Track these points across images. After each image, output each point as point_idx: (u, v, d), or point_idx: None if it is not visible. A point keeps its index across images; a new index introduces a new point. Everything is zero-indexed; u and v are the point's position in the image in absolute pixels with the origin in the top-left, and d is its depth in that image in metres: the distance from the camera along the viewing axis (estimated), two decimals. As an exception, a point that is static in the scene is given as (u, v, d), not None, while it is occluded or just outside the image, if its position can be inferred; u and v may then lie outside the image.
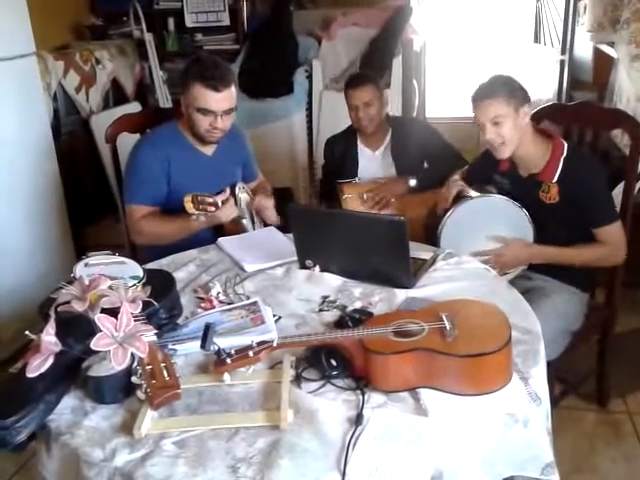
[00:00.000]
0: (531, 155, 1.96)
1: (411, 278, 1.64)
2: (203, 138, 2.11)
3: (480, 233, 1.98)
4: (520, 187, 2.00)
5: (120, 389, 1.23)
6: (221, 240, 2.00)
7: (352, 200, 2.47)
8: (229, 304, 1.58)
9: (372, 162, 2.67)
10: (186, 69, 2.06)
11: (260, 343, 1.29)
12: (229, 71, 2.07)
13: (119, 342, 1.17)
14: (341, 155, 2.70)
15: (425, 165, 2.65)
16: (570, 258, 1.95)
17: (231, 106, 2.05)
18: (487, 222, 1.98)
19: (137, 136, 2.34)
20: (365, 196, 2.47)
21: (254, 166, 2.46)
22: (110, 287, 1.26)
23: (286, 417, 1.13)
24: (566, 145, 1.93)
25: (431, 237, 2.04)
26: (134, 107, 3.92)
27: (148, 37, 3.97)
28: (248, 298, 1.61)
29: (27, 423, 1.15)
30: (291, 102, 3.97)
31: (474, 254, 1.91)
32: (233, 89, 2.04)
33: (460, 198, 2.05)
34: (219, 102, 2.01)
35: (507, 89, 1.88)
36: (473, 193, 2.06)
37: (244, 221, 2.13)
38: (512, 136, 1.89)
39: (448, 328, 1.24)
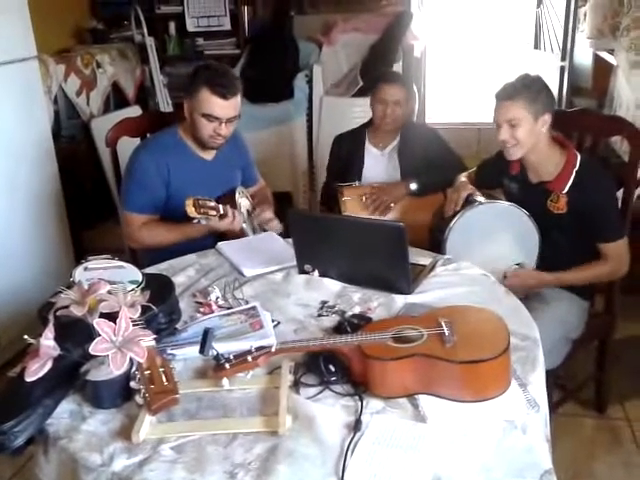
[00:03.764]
0: (544, 162, 1.96)
1: (410, 284, 1.63)
2: (205, 143, 2.12)
3: (487, 239, 1.98)
4: (528, 193, 2.00)
5: (118, 394, 1.23)
6: (220, 245, 2.00)
7: (352, 202, 2.47)
8: (228, 309, 1.58)
9: (378, 161, 2.66)
10: (194, 73, 2.07)
11: (259, 348, 1.29)
12: (237, 80, 2.09)
13: (118, 347, 1.17)
14: (348, 152, 2.69)
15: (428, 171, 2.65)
16: (576, 280, 1.96)
17: (236, 114, 2.07)
18: (494, 228, 1.98)
19: (137, 140, 2.34)
20: (364, 199, 2.47)
21: (254, 171, 2.46)
22: (109, 291, 1.26)
23: (284, 423, 1.13)
24: (579, 157, 1.93)
25: (436, 240, 2.04)
26: (135, 111, 3.92)
27: (149, 41, 3.99)
28: (247, 303, 1.61)
29: (25, 427, 1.15)
30: (291, 107, 3.98)
31: None
32: (239, 98, 2.07)
33: (468, 203, 2.05)
34: (225, 109, 2.03)
35: (531, 94, 1.85)
36: (481, 198, 2.06)
37: (244, 225, 2.13)
38: (526, 140, 1.88)
39: (447, 334, 1.24)
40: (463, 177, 2.26)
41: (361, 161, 2.67)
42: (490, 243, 1.98)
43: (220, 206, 1.96)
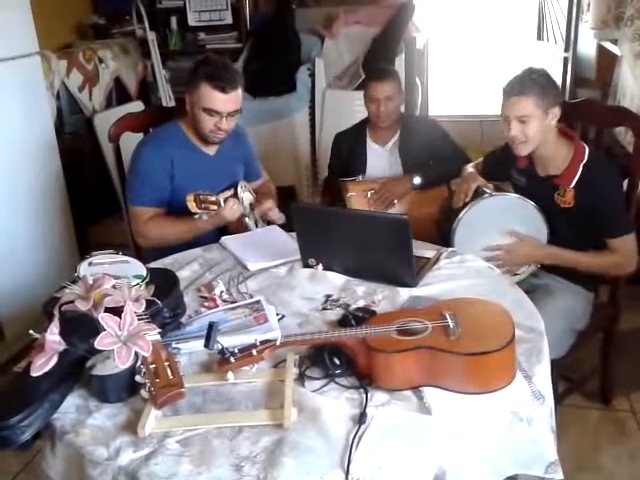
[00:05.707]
0: (551, 156, 1.95)
1: (414, 276, 1.64)
2: (206, 138, 2.12)
3: (495, 231, 1.98)
4: (536, 187, 2.00)
5: (124, 388, 1.23)
6: (224, 239, 2.00)
7: (356, 198, 2.47)
8: (232, 303, 1.59)
9: (380, 157, 2.66)
10: (195, 68, 2.07)
11: (263, 342, 1.29)
12: (237, 74, 2.09)
13: (123, 341, 1.17)
14: (349, 150, 2.70)
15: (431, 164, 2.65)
16: (581, 263, 1.94)
17: (236, 108, 2.07)
18: (503, 220, 1.98)
19: (140, 135, 2.34)
20: (369, 194, 2.46)
21: (257, 165, 2.46)
22: (114, 286, 1.26)
23: (290, 415, 1.14)
24: (587, 150, 1.92)
25: (444, 232, 2.03)
26: (137, 106, 3.92)
27: (151, 36, 3.98)
28: (251, 297, 1.61)
29: (31, 422, 1.16)
30: (294, 100, 3.96)
31: (487, 248, 1.92)
32: (240, 92, 2.06)
33: (477, 194, 2.05)
34: (225, 103, 2.03)
35: (540, 88, 1.84)
36: (490, 191, 2.05)
37: (247, 220, 2.13)
38: (536, 136, 1.87)
39: (451, 326, 1.24)
40: (470, 168, 2.26)
41: (364, 158, 2.67)
42: (499, 235, 1.98)
43: (221, 200, 1.96)
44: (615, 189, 1.91)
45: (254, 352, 1.27)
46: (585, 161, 1.90)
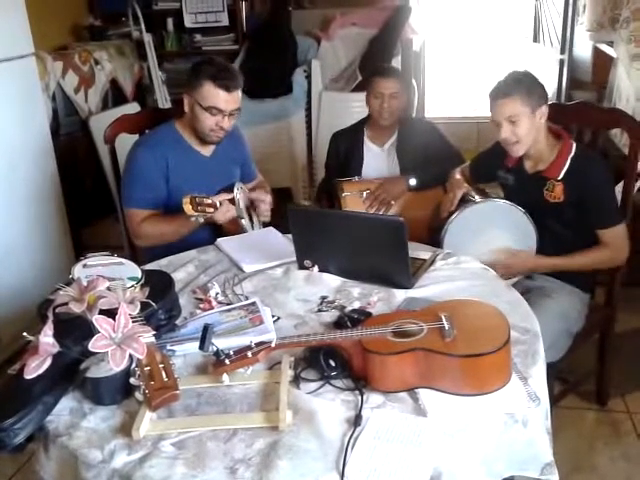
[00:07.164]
0: (541, 153, 1.97)
1: (410, 278, 1.63)
2: (205, 138, 2.12)
3: (483, 237, 1.98)
4: (524, 184, 2.01)
5: (118, 390, 1.23)
6: (220, 240, 2.00)
7: (351, 198, 2.46)
8: (228, 305, 1.58)
9: (377, 158, 2.66)
10: (197, 68, 2.07)
11: (259, 344, 1.29)
12: (239, 74, 2.12)
13: (117, 343, 1.17)
14: (346, 150, 2.69)
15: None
16: (574, 265, 1.95)
17: (237, 107, 2.09)
18: (490, 226, 1.98)
19: (136, 137, 2.34)
20: (364, 195, 2.46)
21: (252, 166, 2.46)
22: (108, 288, 1.26)
23: (285, 418, 1.13)
24: (574, 145, 1.94)
25: (434, 240, 2.04)
26: (133, 108, 3.91)
27: (147, 37, 3.97)
28: (247, 298, 1.61)
29: (25, 425, 1.15)
30: (290, 102, 3.97)
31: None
32: (240, 92, 2.09)
33: (464, 202, 2.05)
34: (228, 102, 2.05)
35: (525, 88, 1.87)
36: (477, 197, 2.06)
37: (243, 221, 2.13)
38: (527, 135, 1.89)
39: (447, 328, 1.24)
40: (457, 174, 2.26)
41: (360, 158, 2.66)
42: (487, 241, 1.98)
43: (217, 202, 1.96)
44: (604, 180, 1.92)
45: (249, 354, 1.27)
46: (573, 154, 1.92)
